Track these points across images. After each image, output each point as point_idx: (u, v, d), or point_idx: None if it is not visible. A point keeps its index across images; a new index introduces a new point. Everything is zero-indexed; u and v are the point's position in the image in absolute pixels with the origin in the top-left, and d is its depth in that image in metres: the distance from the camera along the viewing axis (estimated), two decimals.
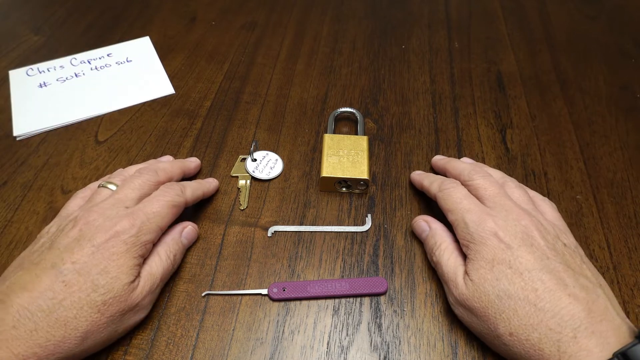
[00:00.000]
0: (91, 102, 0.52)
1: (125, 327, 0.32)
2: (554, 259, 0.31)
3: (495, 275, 0.31)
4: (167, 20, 0.63)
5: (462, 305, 0.33)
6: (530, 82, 0.55)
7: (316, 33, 0.61)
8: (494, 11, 0.65)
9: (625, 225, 0.41)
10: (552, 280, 0.30)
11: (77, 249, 0.31)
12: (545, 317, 0.29)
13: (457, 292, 0.33)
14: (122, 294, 0.31)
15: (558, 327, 0.28)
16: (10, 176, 0.45)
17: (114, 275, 0.31)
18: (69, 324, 0.29)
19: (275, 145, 0.47)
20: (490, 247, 0.32)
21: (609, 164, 0.46)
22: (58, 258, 0.31)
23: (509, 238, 0.32)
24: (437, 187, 0.38)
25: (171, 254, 0.36)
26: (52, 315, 0.29)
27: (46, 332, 0.28)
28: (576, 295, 0.29)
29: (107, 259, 0.31)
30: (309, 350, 0.34)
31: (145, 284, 0.33)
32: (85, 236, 0.32)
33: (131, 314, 0.32)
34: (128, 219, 0.33)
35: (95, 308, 0.30)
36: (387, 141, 0.48)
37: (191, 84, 0.54)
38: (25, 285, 0.29)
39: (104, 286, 0.30)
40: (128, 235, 0.32)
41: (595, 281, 0.31)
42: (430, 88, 0.54)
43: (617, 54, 0.59)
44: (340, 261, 0.39)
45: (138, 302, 0.32)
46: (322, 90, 0.53)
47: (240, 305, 0.36)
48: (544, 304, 0.29)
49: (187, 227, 0.38)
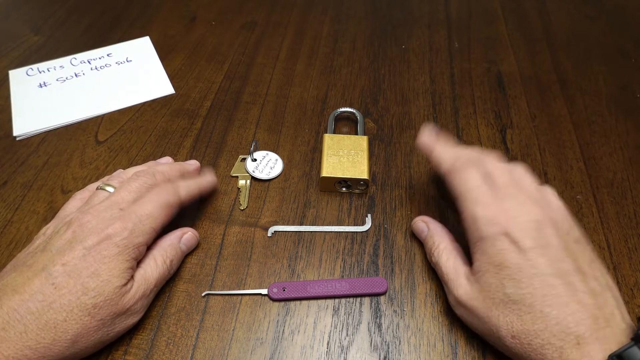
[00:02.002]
0: (91, 102, 0.52)
1: (117, 331, 0.32)
2: (567, 260, 0.30)
3: (502, 279, 0.30)
4: (167, 20, 0.63)
5: (462, 306, 0.32)
6: (530, 82, 0.55)
7: (316, 33, 0.61)
8: (494, 11, 0.65)
9: (625, 225, 0.41)
10: (562, 285, 0.29)
11: (68, 251, 0.31)
12: (550, 323, 0.28)
13: (458, 293, 0.32)
14: (113, 297, 0.31)
15: (562, 334, 0.28)
16: (10, 176, 0.45)
17: (105, 278, 0.31)
18: (59, 327, 0.29)
19: (275, 145, 0.47)
20: (500, 250, 0.30)
21: (609, 164, 0.46)
22: (49, 260, 0.31)
23: (522, 238, 0.30)
24: (450, 164, 0.35)
25: (167, 259, 0.35)
26: (42, 318, 0.29)
27: (36, 334, 0.28)
28: (584, 300, 0.28)
29: (98, 261, 0.31)
30: (309, 350, 0.34)
31: (138, 288, 0.32)
32: (77, 238, 0.31)
33: (123, 318, 0.32)
34: (120, 222, 0.32)
35: (85, 311, 0.30)
36: (387, 141, 0.48)
37: (191, 84, 0.54)
38: (16, 288, 0.29)
39: (95, 289, 0.30)
40: (120, 238, 0.32)
41: (605, 283, 0.30)
42: (430, 88, 0.54)
43: (617, 54, 0.59)
44: (340, 261, 0.39)
45: (130, 306, 0.32)
46: (322, 90, 0.53)
47: (240, 305, 0.36)
48: (550, 310, 0.28)
49: (187, 233, 0.38)
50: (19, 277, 0.30)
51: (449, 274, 0.34)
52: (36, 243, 0.34)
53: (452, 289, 0.33)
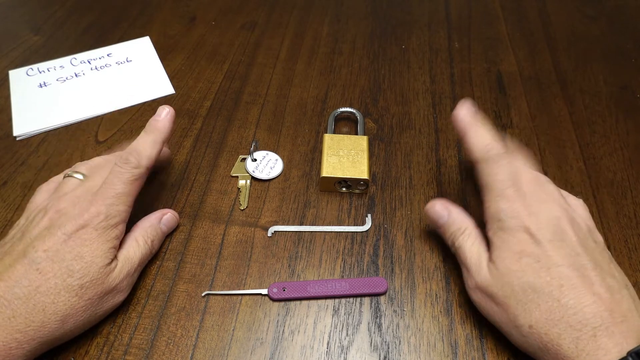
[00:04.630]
0: (91, 102, 0.52)
1: (105, 309, 0.33)
2: (584, 255, 0.30)
3: (522, 267, 0.31)
4: (167, 20, 0.63)
5: (482, 291, 0.32)
6: (530, 82, 0.55)
7: (316, 33, 0.61)
8: (494, 11, 0.65)
9: (625, 225, 0.41)
10: (579, 277, 0.29)
11: (48, 237, 0.31)
12: (567, 313, 0.28)
13: (479, 278, 0.32)
14: (98, 277, 0.32)
15: (579, 325, 0.28)
16: (10, 176, 0.45)
17: (89, 260, 0.31)
18: (48, 309, 0.30)
19: (275, 145, 0.47)
20: (519, 240, 0.31)
21: (609, 164, 0.46)
22: (30, 247, 0.31)
23: (541, 233, 0.31)
24: (484, 152, 0.35)
25: (149, 239, 0.36)
26: (30, 302, 0.29)
27: (25, 318, 0.29)
28: (600, 294, 0.29)
29: (80, 245, 0.31)
30: (309, 350, 0.34)
31: (122, 268, 0.33)
32: (56, 224, 0.32)
33: (110, 297, 0.33)
34: (95, 206, 0.33)
35: (72, 292, 0.30)
36: (387, 141, 0.48)
37: (191, 84, 0.54)
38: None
39: (79, 271, 0.31)
40: (97, 222, 0.32)
41: (622, 282, 0.31)
42: (430, 88, 0.54)
43: (617, 54, 0.58)
44: (340, 261, 0.39)
45: (116, 285, 0.33)
46: (322, 90, 0.53)
47: (240, 305, 0.36)
48: (568, 300, 0.29)
49: (167, 214, 0.39)
50: (0, 265, 0.31)
51: (472, 258, 0.34)
52: (11, 234, 0.34)
53: (473, 274, 0.33)
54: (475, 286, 0.33)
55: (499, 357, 0.33)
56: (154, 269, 0.38)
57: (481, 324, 0.34)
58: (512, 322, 0.30)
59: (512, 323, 0.30)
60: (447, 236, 0.37)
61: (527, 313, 0.30)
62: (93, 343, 0.34)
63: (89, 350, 0.33)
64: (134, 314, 0.35)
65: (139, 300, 0.36)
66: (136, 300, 0.36)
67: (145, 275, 0.37)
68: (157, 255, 0.38)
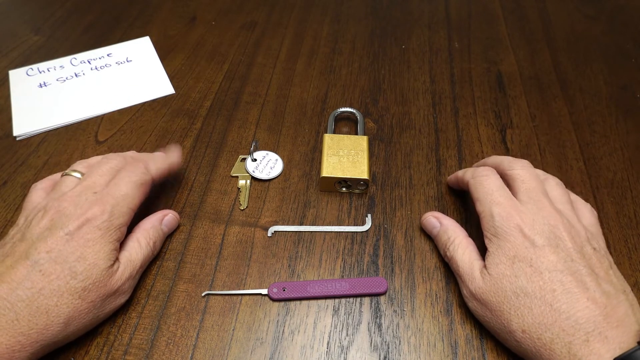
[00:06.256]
0: (91, 102, 0.52)
1: (107, 311, 0.33)
2: (579, 262, 0.31)
3: (515, 271, 0.31)
4: (167, 20, 0.63)
5: (476, 299, 0.33)
6: (530, 82, 0.55)
7: (316, 33, 0.61)
8: (494, 11, 0.65)
9: (625, 225, 0.41)
10: (573, 282, 0.29)
11: (50, 237, 0.31)
12: (560, 318, 0.29)
13: (473, 286, 0.33)
14: (101, 279, 0.31)
15: (571, 329, 0.28)
16: (10, 176, 0.45)
17: (92, 261, 0.31)
18: (51, 312, 0.29)
19: (275, 145, 0.47)
20: (513, 243, 0.32)
21: (609, 164, 0.46)
22: (32, 248, 0.31)
23: (535, 235, 0.31)
24: (471, 174, 0.38)
25: (151, 240, 0.36)
26: (33, 305, 0.29)
27: (28, 320, 0.29)
28: (595, 299, 0.29)
29: (82, 245, 0.31)
30: (309, 350, 0.34)
31: (125, 270, 0.33)
32: (57, 224, 0.32)
33: (112, 299, 0.33)
34: (98, 205, 0.33)
35: (75, 294, 0.30)
36: (387, 141, 0.48)
37: (191, 84, 0.54)
38: (1, 277, 0.29)
39: (82, 273, 0.31)
40: (101, 221, 0.32)
41: (620, 287, 0.30)
42: (430, 88, 0.54)
43: (617, 54, 0.58)
44: (340, 261, 0.39)
45: (118, 287, 0.33)
46: (322, 90, 0.53)
47: (240, 305, 0.36)
48: (560, 305, 0.29)
49: (168, 215, 0.39)
50: (1, 267, 0.30)
51: (464, 267, 0.34)
52: (10, 234, 0.33)
53: (467, 282, 0.33)
54: (469, 294, 0.33)
55: (499, 357, 0.33)
56: (154, 269, 0.38)
57: (481, 324, 0.34)
58: (506, 328, 0.31)
59: (506, 328, 0.31)
60: (440, 246, 0.38)
61: (520, 318, 0.30)
62: (93, 343, 0.34)
63: (89, 350, 0.33)
64: (134, 314, 0.35)
65: (139, 300, 0.36)
66: (136, 300, 0.36)
67: (145, 275, 0.37)
68: (157, 255, 0.38)
